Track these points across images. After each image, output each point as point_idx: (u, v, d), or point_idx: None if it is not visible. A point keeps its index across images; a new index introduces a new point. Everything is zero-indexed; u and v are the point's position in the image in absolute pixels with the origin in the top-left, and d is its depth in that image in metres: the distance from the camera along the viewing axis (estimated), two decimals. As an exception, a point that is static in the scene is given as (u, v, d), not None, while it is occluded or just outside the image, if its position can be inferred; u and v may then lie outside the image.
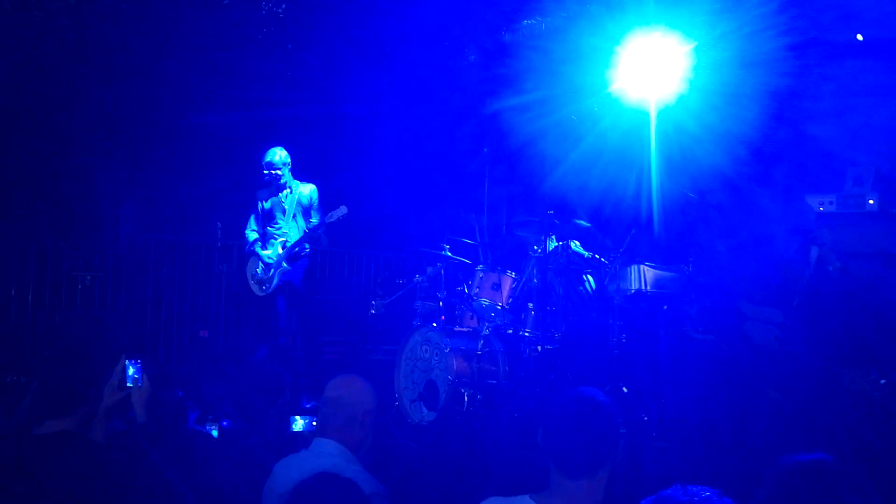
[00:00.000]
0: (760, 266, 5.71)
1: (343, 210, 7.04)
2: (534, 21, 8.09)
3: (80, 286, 8.01)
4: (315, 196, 7.38)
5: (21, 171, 8.27)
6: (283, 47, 8.75)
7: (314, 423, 4.17)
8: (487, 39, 8.48)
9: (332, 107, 8.90)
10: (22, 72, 8.22)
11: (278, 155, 7.27)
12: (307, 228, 7.33)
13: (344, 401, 3.63)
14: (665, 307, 6.23)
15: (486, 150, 7.41)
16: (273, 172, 7.21)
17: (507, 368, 6.65)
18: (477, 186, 8.65)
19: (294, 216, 7.33)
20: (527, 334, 6.57)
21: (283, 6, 8.59)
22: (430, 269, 7.66)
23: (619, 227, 6.62)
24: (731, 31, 6.26)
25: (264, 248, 7.39)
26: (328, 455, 3.52)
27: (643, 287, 6.19)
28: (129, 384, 3.65)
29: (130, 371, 3.66)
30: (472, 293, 6.75)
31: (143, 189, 8.51)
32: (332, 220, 7.08)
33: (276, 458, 3.69)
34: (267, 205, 7.39)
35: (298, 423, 4.54)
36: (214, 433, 4.39)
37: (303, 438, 4.54)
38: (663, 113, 6.67)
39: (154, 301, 8.52)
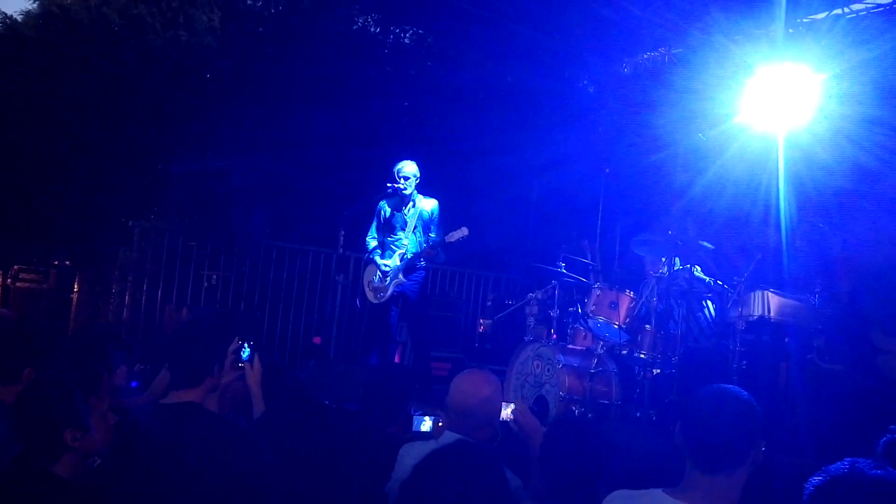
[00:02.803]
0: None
1: (464, 232, 6.94)
2: (656, 53, 8.00)
3: (205, 284, 8.20)
4: (437, 212, 7.30)
5: (159, 174, 8.57)
6: (406, 74, 8.92)
7: (440, 423, 4.05)
8: (606, 71, 8.44)
9: (454, 131, 8.95)
10: (167, 83, 8.61)
11: (409, 167, 7.21)
12: (426, 243, 7.27)
13: (472, 398, 3.53)
14: (789, 336, 5.94)
15: (607, 170, 7.29)
16: (399, 185, 7.17)
17: (619, 390, 6.41)
18: (589, 213, 8.55)
19: (414, 229, 7.27)
20: (642, 356, 6.35)
21: (409, 33, 8.78)
22: (538, 293, 7.57)
23: (743, 252, 6.39)
24: (868, 60, 6.04)
25: (382, 256, 7.36)
26: (459, 445, 3.43)
27: (766, 314, 5.93)
28: (240, 364, 3.83)
29: (244, 352, 3.84)
30: (588, 310, 6.57)
31: (273, 197, 8.70)
32: (451, 240, 6.99)
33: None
34: (388, 215, 7.37)
35: (426, 424, 4.29)
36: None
37: (427, 436, 4.39)
38: (792, 142, 6.46)
39: (272, 305, 8.63)
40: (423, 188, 7.37)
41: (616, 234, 8.29)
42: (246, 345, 3.89)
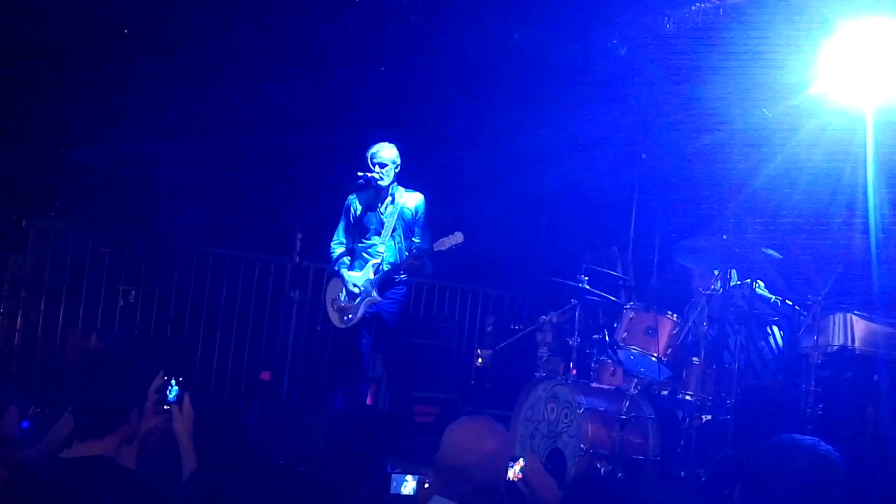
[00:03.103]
0: None
1: (458, 238, 6.90)
2: (707, 5, 7.92)
3: (121, 302, 8.12)
4: (422, 210, 7.25)
5: (58, 160, 8.44)
6: (383, 33, 8.87)
7: (426, 485, 3.98)
8: (643, 28, 8.36)
9: (445, 107, 8.86)
10: (71, 41, 8.48)
11: (386, 151, 7.14)
12: (408, 250, 7.20)
13: (470, 454, 3.45)
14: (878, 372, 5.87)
15: (644, 156, 7.26)
16: (374, 174, 7.10)
17: (658, 441, 6.42)
18: (620, 212, 8.48)
19: (393, 232, 7.22)
20: (688, 398, 6.37)
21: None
22: (552, 315, 7.53)
23: (820, 263, 6.35)
24: None
25: (351, 267, 7.30)
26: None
27: (849, 343, 5.94)
28: (166, 406, 3.82)
29: (170, 391, 3.83)
30: (618, 338, 6.58)
31: (209, 191, 8.65)
32: (442, 248, 6.95)
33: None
34: (360, 213, 7.29)
35: (408, 485, 4.24)
36: None
37: (410, 501, 4.35)
38: (883, 120, 6.40)
39: (208, 329, 8.59)
40: (406, 181, 7.31)
41: (655, 239, 8.28)
42: (173, 381, 3.86)
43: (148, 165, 8.16)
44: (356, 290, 7.14)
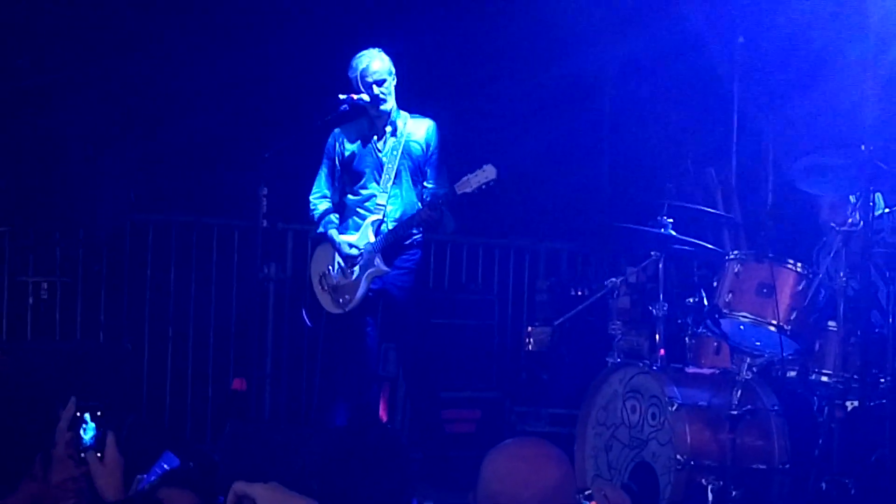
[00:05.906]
0: None
1: (488, 174, 6.90)
2: None
3: (31, 300, 8.15)
4: (435, 140, 7.27)
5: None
6: None
7: None
8: None
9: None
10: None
11: (378, 62, 7.12)
12: (420, 199, 7.23)
13: (523, 488, 3.35)
14: None
15: (741, 39, 7.09)
16: (380, 93, 7.07)
17: (786, 443, 6.32)
18: (717, 116, 8.44)
19: (397, 177, 7.24)
20: (825, 379, 6.28)
21: None
22: (629, 274, 7.44)
23: None
24: None
25: (344, 229, 7.30)
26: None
27: None
28: (82, 453, 3.61)
29: (86, 431, 3.65)
30: (720, 303, 6.48)
31: (137, 142, 8.63)
32: (468, 190, 6.95)
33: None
34: (349, 154, 7.31)
35: None
36: None
37: None
38: None
39: (154, 326, 8.67)
40: (407, 101, 7.31)
41: (767, 155, 8.15)
42: (87, 416, 3.66)
43: (48, 104, 8.12)
44: (356, 256, 7.16)
